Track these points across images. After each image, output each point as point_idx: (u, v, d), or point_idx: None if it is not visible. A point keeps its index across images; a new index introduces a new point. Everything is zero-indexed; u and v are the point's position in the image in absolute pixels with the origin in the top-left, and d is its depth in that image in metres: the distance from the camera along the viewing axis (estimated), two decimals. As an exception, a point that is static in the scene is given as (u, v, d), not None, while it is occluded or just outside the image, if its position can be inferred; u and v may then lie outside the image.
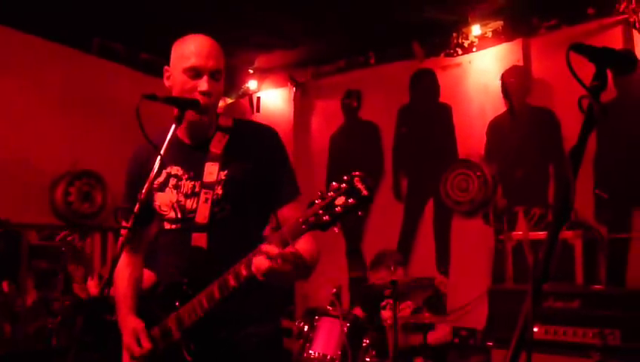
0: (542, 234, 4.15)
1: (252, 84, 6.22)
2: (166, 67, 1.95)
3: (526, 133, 4.65)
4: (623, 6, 4.18)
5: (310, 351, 3.88)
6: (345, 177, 1.57)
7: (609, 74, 1.41)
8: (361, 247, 5.53)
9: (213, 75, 1.87)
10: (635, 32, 4.16)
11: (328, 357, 3.88)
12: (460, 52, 5.06)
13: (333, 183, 1.59)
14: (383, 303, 4.17)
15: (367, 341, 4.05)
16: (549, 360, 3.40)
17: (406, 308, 4.18)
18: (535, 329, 3.50)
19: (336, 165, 5.67)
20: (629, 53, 1.43)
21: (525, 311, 1.17)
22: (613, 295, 3.40)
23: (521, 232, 4.37)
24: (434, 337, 4.07)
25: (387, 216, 5.36)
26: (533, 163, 4.60)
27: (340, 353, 3.95)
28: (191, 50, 1.88)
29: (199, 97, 1.86)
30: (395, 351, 3.77)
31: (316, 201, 1.60)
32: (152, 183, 1.93)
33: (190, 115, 1.88)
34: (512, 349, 1.13)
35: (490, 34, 4.88)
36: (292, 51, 5.62)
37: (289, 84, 6.07)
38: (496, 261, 4.64)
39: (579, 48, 1.39)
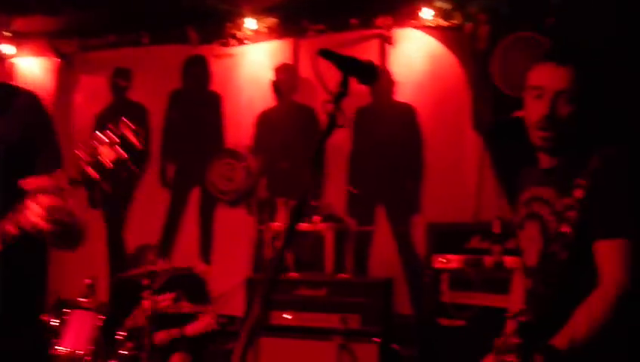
0: (299, 226, 4.37)
1: (7, 49, 5.55)
2: None
3: (290, 129, 4.86)
4: (380, 21, 4.59)
5: (58, 347, 3.61)
6: (111, 126, 1.44)
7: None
8: (123, 235, 5.29)
9: None
10: (388, 46, 4.60)
11: (78, 353, 3.65)
12: (233, 43, 5.10)
13: (98, 134, 1.46)
14: (144, 293, 4.05)
15: (124, 334, 3.90)
16: (298, 345, 3.61)
17: (167, 299, 4.10)
18: (288, 317, 3.69)
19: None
20: (371, 64, 1.53)
21: (260, 298, 1.21)
22: (355, 283, 3.73)
23: (280, 223, 4.56)
24: (195, 328, 4.05)
25: (152, 202, 5.20)
26: (296, 157, 4.84)
27: (91, 348, 3.74)
28: None
29: None
30: (151, 343, 3.68)
31: (80, 155, 1.46)
32: None
33: None
34: (245, 337, 1.16)
35: (263, 29, 5.00)
36: (55, 18, 5.12)
37: (51, 53, 5.53)
38: (257, 250, 4.79)
39: (326, 54, 1.46)
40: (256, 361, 3.67)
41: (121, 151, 1.40)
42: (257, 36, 5.02)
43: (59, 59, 5.55)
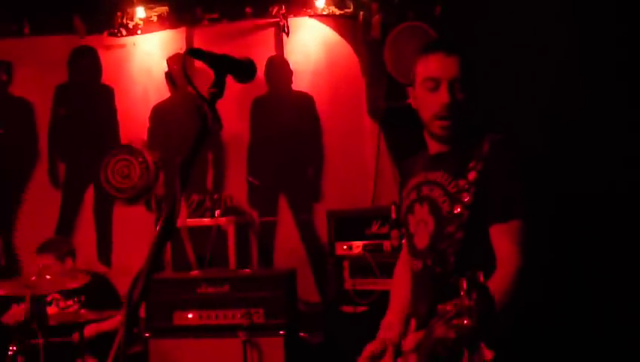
0: (200, 221, 4.29)
1: None
2: None
3: (186, 121, 4.73)
4: (275, 10, 4.54)
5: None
6: None
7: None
8: (12, 239, 4.97)
9: None
10: (284, 35, 4.57)
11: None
12: (124, 33, 4.88)
13: None
14: (49, 298, 3.83)
15: (14, 347, 3.66)
16: (203, 344, 3.53)
17: (74, 304, 3.90)
18: (190, 316, 3.61)
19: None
20: (248, 61, 1.48)
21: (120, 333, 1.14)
22: (258, 277, 3.70)
23: (181, 219, 4.43)
24: (100, 326, 3.86)
25: (43, 204, 4.92)
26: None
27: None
28: None
29: None
30: (46, 354, 3.48)
31: None
32: None
33: None
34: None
35: (155, 18, 4.81)
36: None
37: None
38: (158, 248, 4.63)
39: (196, 53, 1.40)
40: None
41: None
42: (149, 26, 4.83)
43: None
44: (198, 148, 1.31)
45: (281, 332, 3.46)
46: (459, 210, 1.70)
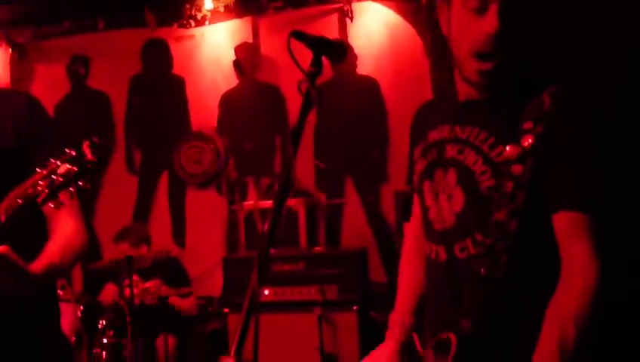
0: (271, 203, 4.42)
1: (-46, 42, 5.39)
2: None
3: (255, 107, 4.89)
4: (338, -5, 4.63)
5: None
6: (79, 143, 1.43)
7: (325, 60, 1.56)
8: (93, 224, 5.25)
9: None
10: (347, 20, 4.65)
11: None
12: (192, 24, 5.07)
13: (66, 149, 1.43)
14: (126, 281, 4.06)
15: (104, 322, 3.91)
16: (279, 319, 3.68)
17: (153, 285, 4.09)
18: (266, 292, 3.76)
19: (61, 137, 5.23)
20: (341, 43, 1.59)
21: (252, 277, 1.24)
22: (332, 254, 3.82)
23: (251, 202, 4.61)
24: (183, 302, 4.07)
25: (120, 190, 5.18)
26: (262, 135, 4.88)
27: (74, 339, 3.77)
28: None
29: None
30: (133, 330, 3.70)
31: (38, 170, 1.43)
32: None
33: None
34: (244, 313, 1.21)
35: (222, 9, 4.97)
36: (7, 7, 4.99)
37: (4, 44, 5.40)
38: (230, 230, 4.84)
39: (298, 36, 1.51)
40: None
41: (72, 165, 1.42)
42: (215, 16, 4.99)
43: (12, 50, 5.42)
44: (304, 119, 1.43)
45: (354, 307, 3.58)
46: (508, 188, 1.24)
